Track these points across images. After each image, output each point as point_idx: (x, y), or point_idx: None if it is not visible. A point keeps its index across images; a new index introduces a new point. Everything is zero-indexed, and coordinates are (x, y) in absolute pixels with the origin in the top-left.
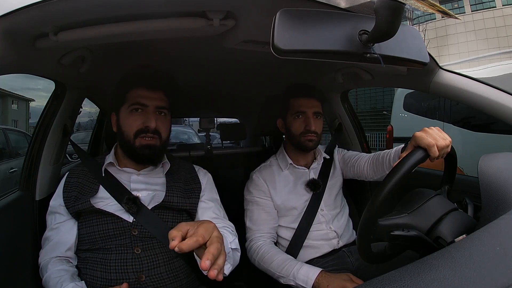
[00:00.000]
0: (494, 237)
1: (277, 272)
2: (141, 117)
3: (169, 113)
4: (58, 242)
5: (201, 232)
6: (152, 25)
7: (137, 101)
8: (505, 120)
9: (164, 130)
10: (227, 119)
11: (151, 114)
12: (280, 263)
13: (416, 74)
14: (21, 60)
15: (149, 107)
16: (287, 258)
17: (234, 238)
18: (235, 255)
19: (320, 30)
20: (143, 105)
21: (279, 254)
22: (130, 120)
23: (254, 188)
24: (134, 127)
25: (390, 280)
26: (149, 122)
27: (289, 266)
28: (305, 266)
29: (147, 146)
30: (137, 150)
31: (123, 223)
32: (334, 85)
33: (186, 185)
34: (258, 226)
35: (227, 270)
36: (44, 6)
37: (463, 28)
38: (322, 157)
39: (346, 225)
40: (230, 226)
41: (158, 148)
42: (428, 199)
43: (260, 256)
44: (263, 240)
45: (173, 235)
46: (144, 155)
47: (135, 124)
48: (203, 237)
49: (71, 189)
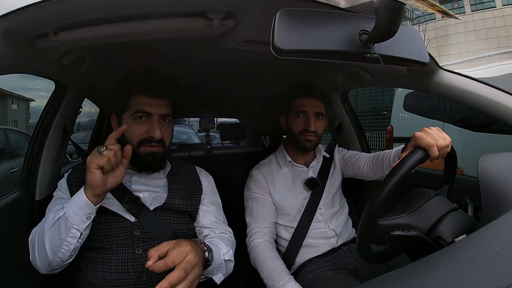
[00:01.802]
0: (494, 237)
1: (265, 278)
2: (144, 126)
3: (173, 118)
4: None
5: (172, 255)
6: (152, 25)
7: (141, 109)
8: (505, 120)
9: (167, 137)
10: (227, 119)
11: (156, 123)
12: (270, 271)
13: (416, 74)
14: (21, 60)
15: (153, 115)
16: (277, 268)
17: (229, 249)
18: (228, 265)
19: (320, 30)
20: (147, 113)
21: (271, 260)
22: (134, 129)
23: (254, 184)
24: (137, 136)
25: (390, 280)
26: (154, 133)
27: (277, 278)
28: (292, 283)
29: (151, 154)
30: (141, 158)
31: (125, 222)
32: (334, 85)
33: (187, 187)
34: (257, 221)
35: (218, 280)
36: (44, 6)
37: (463, 28)
38: (321, 156)
39: (345, 224)
40: (229, 232)
41: (161, 155)
42: (428, 199)
43: (256, 256)
44: (261, 238)
45: (150, 254)
46: (147, 162)
47: (139, 133)
48: (172, 261)
49: (74, 185)
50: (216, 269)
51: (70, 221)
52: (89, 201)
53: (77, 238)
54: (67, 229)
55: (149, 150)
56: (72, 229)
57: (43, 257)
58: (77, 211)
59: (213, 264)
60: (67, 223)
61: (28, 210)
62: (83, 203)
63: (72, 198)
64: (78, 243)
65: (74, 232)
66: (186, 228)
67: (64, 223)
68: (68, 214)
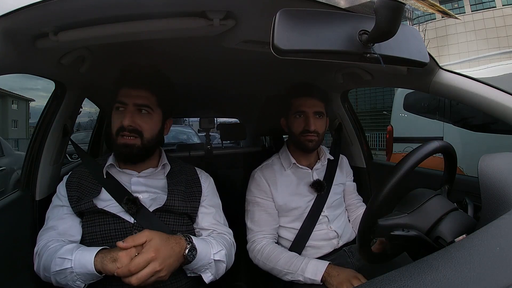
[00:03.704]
0: (494, 237)
1: (284, 269)
2: (120, 116)
3: (159, 111)
4: (65, 233)
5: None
6: (152, 25)
7: (119, 100)
8: (505, 120)
9: (147, 128)
10: (227, 119)
11: (128, 111)
12: (287, 259)
13: (416, 74)
14: (21, 60)
15: (128, 105)
16: (293, 255)
17: (221, 250)
18: (218, 266)
19: (320, 30)
20: (123, 103)
21: (284, 252)
22: (113, 119)
23: (256, 187)
24: (115, 126)
25: (390, 280)
26: (124, 120)
27: (297, 262)
28: (313, 260)
29: (124, 145)
30: (117, 148)
31: (125, 223)
32: (334, 85)
33: (187, 188)
34: (260, 227)
35: (207, 279)
36: (44, 6)
37: (463, 28)
38: (326, 158)
39: (346, 224)
40: (229, 233)
41: (138, 147)
42: (428, 199)
43: (266, 256)
44: (266, 241)
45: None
46: (122, 153)
47: (116, 122)
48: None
49: (73, 188)
50: (205, 267)
51: (76, 276)
52: (97, 274)
53: (85, 284)
54: (73, 280)
55: (122, 141)
56: (78, 281)
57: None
58: (85, 274)
59: (199, 262)
60: (74, 277)
61: (28, 210)
62: (91, 273)
63: (79, 257)
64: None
65: (79, 284)
66: (185, 229)
67: (71, 275)
68: (75, 271)
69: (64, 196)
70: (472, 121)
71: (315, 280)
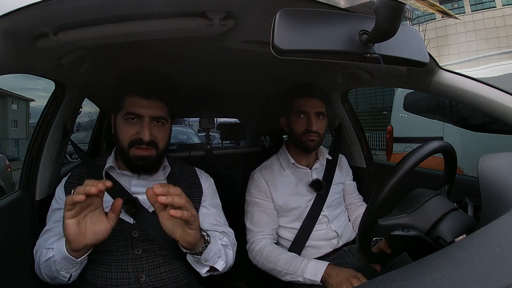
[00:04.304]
0: (494, 237)
1: (284, 270)
2: (135, 128)
3: (169, 119)
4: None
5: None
6: (152, 25)
7: (132, 111)
8: (505, 120)
9: (161, 139)
10: (227, 119)
11: (146, 125)
12: (286, 260)
13: (416, 74)
14: (21, 60)
15: (144, 117)
16: (293, 255)
17: (221, 237)
18: (227, 252)
19: (320, 30)
20: (137, 115)
21: (284, 253)
22: (125, 130)
23: (255, 188)
24: (127, 137)
25: (390, 280)
26: (143, 134)
27: (297, 262)
28: (313, 260)
29: (141, 158)
30: (131, 160)
31: (124, 224)
32: (334, 85)
33: (187, 189)
34: (259, 228)
35: (220, 267)
36: (44, 6)
37: (463, 28)
38: (325, 158)
39: (346, 224)
40: (230, 233)
41: (153, 158)
42: (428, 199)
43: (265, 257)
44: (266, 241)
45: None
46: (138, 165)
47: (129, 134)
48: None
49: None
50: (217, 256)
51: (58, 265)
52: (70, 256)
53: (70, 275)
54: (57, 270)
55: (138, 154)
56: (61, 271)
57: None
58: (62, 260)
59: (212, 249)
60: (56, 266)
61: (28, 210)
62: (65, 256)
63: (58, 244)
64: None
65: (63, 273)
66: None
67: (54, 265)
68: (56, 259)
69: (61, 199)
70: (472, 121)
71: (314, 280)
